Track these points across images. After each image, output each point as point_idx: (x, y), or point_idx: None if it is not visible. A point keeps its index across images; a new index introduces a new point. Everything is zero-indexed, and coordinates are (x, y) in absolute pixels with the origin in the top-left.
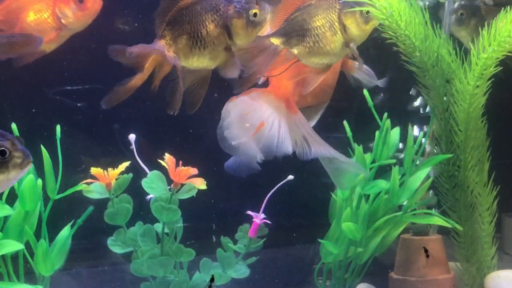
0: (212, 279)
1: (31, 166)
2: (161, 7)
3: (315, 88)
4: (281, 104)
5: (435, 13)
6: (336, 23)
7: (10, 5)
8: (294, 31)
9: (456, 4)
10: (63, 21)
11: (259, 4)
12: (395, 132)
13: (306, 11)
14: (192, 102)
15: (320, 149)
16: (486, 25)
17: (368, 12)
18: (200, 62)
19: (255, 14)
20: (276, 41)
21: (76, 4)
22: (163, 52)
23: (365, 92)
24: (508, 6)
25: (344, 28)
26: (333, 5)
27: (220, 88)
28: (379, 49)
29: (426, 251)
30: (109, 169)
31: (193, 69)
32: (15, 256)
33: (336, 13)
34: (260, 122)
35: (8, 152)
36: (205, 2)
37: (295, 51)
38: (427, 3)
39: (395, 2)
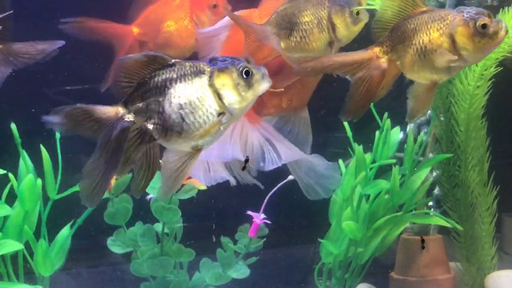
0: (246, 160)
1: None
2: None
3: (290, 92)
4: None
5: None
6: (325, 21)
7: (149, 17)
8: (284, 23)
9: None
10: (199, 26)
11: (489, 16)
12: (395, 132)
13: (295, 4)
14: None
15: (291, 154)
16: None
17: (358, 12)
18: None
19: (483, 26)
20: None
21: (210, 9)
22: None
23: None
24: (507, 7)
25: (332, 26)
26: (323, 1)
27: None
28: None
29: (422, 241)
30: None
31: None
32: (14, 256)
33: (326, 10)
34: None
35: (250, 71)
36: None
37: (282, 44)
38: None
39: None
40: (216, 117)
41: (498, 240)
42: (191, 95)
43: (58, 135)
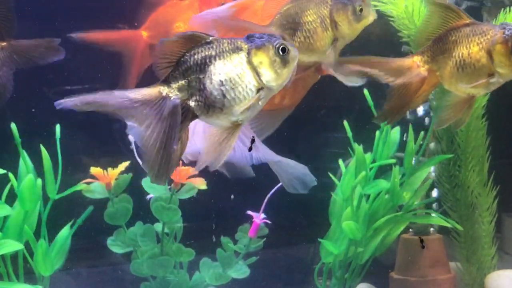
0: (252, 140)
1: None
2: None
3: (285, 90)
4: None
5: None
6: (328, 19)
7: (157, 19)
8: (287, 23)
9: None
10: None
11: None
12: (395, 132)
13: (298, 4)
14: None
15: (263, 154)
16: None
17: (361, 10)
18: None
19: None
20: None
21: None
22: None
23: (366, 92)
24: (508, 7)
25: (335, 24)
26: (325, 0)
27: None
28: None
29: (421, 241)
30: (109, 169)
31: None
32: (14, 256)
33: (328, 9)
34: None
35: (287, 48)
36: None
37: None
38: None
39: (414, 1)
40: (255, 92)
41: (498, 240)
42: (231, 72)
43: (58, 135)
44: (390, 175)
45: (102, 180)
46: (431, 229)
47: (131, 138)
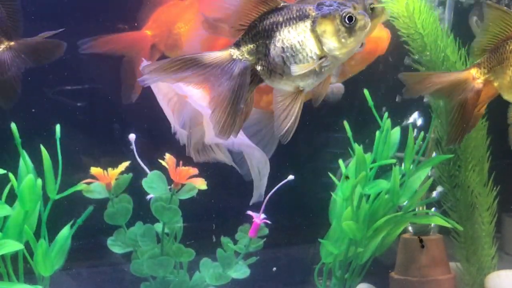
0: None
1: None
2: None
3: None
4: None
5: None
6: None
7: (159, 19)
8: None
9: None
10: None
11: None
12: (396, 132)
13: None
14: None
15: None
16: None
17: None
18: None
19: None
20: None
21: None
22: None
23: (366, 92)
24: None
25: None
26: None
27: None
28: None
29: (421, 240)
30: (109, 169)
31: None
32: (14, 256)
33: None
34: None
35: (354, 17)
36: None
37: None
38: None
39: (414, 1)
40: (317, 61)
41: (498, 240)
42: (293, 39)
43: (58, 135)
44: (390, 175)
45: (102, 180)
46: (432, 224)
47: (131, 138)
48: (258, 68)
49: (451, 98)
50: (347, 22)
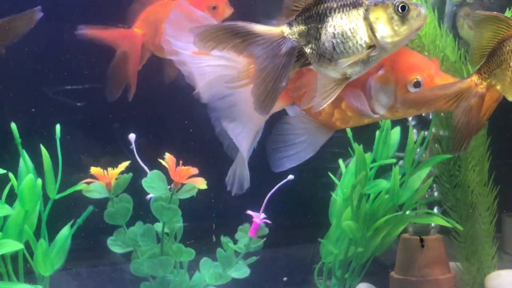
0: None
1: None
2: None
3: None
4: None
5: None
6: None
7: (148, 18)
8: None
9: None
10: None
11: None
12: (396, 132)
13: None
14: None
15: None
16: None
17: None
18: None
19: None
20: None
21: (210, 11)
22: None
23: None
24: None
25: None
26: None
27: None
28: None
29: (422, 240)
30: (109, 168)
31: None
32: (14, 256)
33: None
34: None
35: (407, 6)
36: None
37: None
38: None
39: None
40: (366, 49)
41: (498, 240)
42: (344, 25)
43: (58, 135)
44: (390, 175)
45: (102, 180)
46: (432, 224)
47: (131, 137)
48: (308, 51)
49: (456, 108)
50: (400, 11)
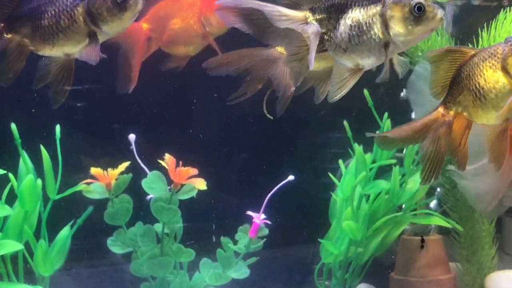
0: None
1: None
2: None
3: None
4: None
5: None
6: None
7: (158, 13)
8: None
9: None
10: (207, 28)
11: None
12: None
13: None
14: None
15: None
16: (485, 26)
17: None
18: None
19: None
20: None
21: None
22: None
23: (365, 92)
24: (508, 7)
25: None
26: None
27: (220, 89)
28: None
29: (422, 240)
30: (109, 169)
31: None
32: (14, 256)
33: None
34: None
35: (423, 8)
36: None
37: None
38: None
39: None
40: (380, 45)
41: (498, 240)
42: (361, 19)
43: (58, 135)
44: (390, 175)
45: (102, 180)
46: (432, 225)
47: (131, 138)
48: (326, 37)
49: (423, 139)
50: (416, 11)
